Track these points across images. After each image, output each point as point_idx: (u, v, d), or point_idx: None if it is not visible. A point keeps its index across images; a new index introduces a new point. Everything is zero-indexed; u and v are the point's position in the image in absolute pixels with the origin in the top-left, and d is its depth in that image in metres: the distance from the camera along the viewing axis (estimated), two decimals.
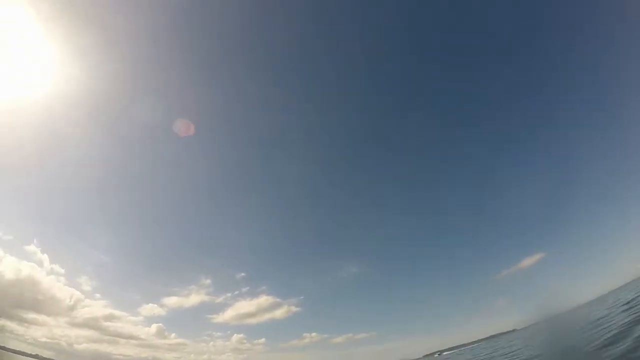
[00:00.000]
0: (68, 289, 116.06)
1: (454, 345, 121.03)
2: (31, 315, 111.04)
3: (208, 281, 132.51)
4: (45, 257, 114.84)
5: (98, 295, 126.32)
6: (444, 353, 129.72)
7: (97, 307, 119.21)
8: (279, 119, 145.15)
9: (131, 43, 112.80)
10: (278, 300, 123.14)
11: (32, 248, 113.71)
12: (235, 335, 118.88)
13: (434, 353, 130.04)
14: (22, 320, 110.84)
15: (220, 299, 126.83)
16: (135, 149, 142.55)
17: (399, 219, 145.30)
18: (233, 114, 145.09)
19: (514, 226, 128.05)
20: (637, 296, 24.80)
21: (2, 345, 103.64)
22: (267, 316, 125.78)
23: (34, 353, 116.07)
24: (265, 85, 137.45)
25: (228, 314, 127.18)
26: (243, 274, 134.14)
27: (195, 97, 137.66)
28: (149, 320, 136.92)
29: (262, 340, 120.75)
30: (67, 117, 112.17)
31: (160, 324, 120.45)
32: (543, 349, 19.83)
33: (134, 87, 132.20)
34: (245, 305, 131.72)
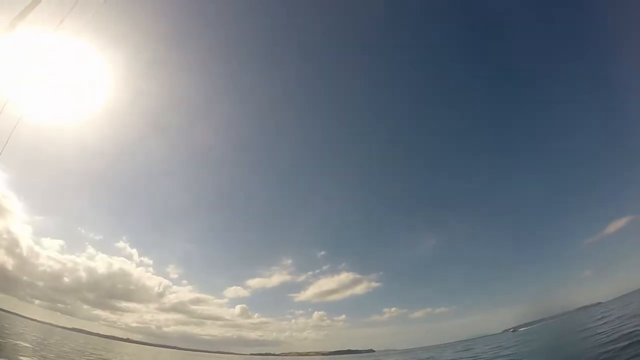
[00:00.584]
0: (157, 277, 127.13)
1: (534, 320, 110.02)
2: (123, 304, 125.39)
3: (289, 261, 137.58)
4: (134, 251, 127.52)
5: (185, 281, 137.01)
6: (521, 329, 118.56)
7: (183, 293, 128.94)
8: (346, 97, 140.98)
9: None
10: (358, 276, 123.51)
11: (121, 244, 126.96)
12: (316, 312, 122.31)
13: (515, 328, 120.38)
14: (115, 309, 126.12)
15: (301, 278, 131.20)
16: (211, 139, 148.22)
17: (476, 189, 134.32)
18: (307, 93, 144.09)
19: (598, 189, 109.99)
20: None
21: (95, 332, 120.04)
22: (347, 293, 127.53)
23: (125, 337, 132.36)
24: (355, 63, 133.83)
25: (309, 292, 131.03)
26: (323, 253, 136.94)
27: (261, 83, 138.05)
28: (234, 301, 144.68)
29: (343, 316, 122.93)
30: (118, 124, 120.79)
31: (244, 305, 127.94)
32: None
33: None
34: (326, 283, 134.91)
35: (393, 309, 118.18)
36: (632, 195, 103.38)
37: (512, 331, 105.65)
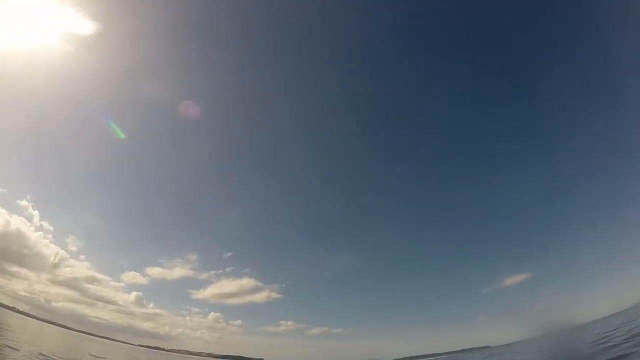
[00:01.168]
0: (54, 247, 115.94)
1: (426, 354, 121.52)
2: (14, 269, 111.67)
3: (194, 256, 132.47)
4: (35, 213, 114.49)
5: (83, 256, 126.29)
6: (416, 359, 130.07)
7: (80, 268, 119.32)
8: (276, 105, 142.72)
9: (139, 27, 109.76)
10: (260, 284, 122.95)
11: (24, 203, 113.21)
12: (212, 313, 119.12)
13: (406, 358, 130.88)
14: (4, 272, 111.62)
15: (203, 276, 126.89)
16: (137, 119, 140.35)
17: (393, 219, 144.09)
18: (231, 97, 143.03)
19: (503, 243, 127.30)
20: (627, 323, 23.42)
21: None
22: (247, 298, 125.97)
23: (11, 305, 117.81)
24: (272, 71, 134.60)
25: (209, 292, 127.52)
26: (230, 254, 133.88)
27: (200, 79, 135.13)
28: (130, 287, 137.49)
29: (239, 322, 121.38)
30: (67, 76, 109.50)
31: (140, 293, 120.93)
32: None
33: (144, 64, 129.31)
34: (228, 285, 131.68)
35: (290, 323, 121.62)
36: (530, 255, 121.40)
37: None
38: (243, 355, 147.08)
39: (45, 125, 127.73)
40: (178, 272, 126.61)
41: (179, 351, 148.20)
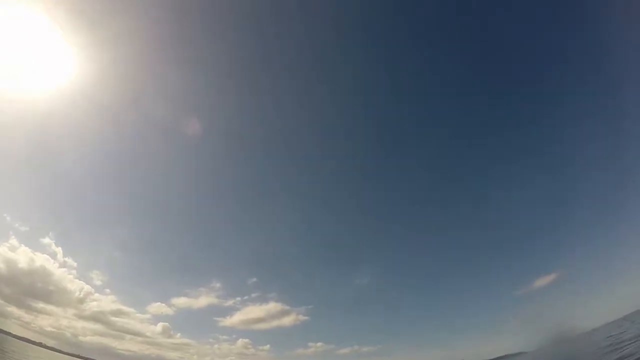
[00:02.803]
0: (79, 282, 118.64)
1: None
2: (40, 305, 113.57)
3: (218, 284, 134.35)
4: (59, 250, 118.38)
5: (108, 290, 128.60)
6: None
7: (105, 302, 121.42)
8: (293, 125, 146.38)
9: (135, 41, 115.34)
10: (287, 307, 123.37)
11: (47, 240, 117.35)
12: (240, 339, 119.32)
13: None
14: (31, 309, 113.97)
15: (229, 303, 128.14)
16: (150, 147, 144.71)
17: (413, 232, 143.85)
18: (245, 116, 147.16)
19: (529, 244, 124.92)
20: None
21: (7, 330, 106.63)
22: (274, 323, 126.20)
23: (38, 341, 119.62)
24: (277, 85, 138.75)
25: (236, 318, 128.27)
26: (254, 279, 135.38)
27: (208, 98, 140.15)
28: (156, 318, 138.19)
29: (267, 346, 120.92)
30: (77, 113, 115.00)
31: (166, 323, 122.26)
32: None
33: (145, 85, 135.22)
34: (254, 311, 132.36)
35: (319, 344, 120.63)
36: (559, 253, 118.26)
37: None
38: None
39: (60, 162, 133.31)
40: (203, 300, 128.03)
41: None
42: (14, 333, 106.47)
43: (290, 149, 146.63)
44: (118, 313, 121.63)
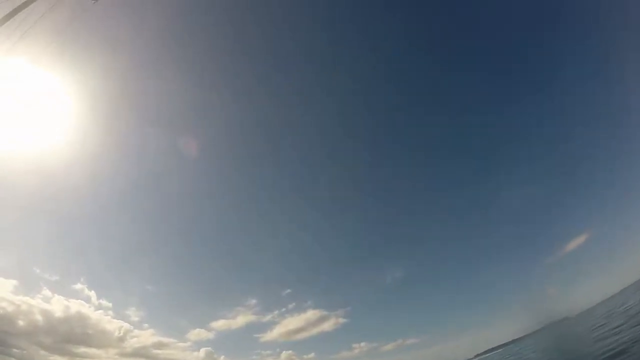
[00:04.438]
0: (116, 321, 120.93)
1: (506, 341, 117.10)
2: (81, 349, 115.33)
3: (254, 301, 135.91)
4: (92, 293, 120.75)
5: (146, 324, 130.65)
6: (491, 353, 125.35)
7: (145, 336, 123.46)
8: (305, 129, 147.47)
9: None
10: (325, 313, 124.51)
11: (79, 286, 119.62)
12: (284, 352, 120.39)
13: (488, 350, 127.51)
14: (72, 355, 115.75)
15: (267, 318, 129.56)
16: (163, 174, 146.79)
17: (438, 220, 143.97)
18: (251, 126, 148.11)
19: (555, 209, 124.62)
20: None
21: None
22: (315, 330, 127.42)
23: None
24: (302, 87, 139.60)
25: (276, 332, 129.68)
26: (289, 291, 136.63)
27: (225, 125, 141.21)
28: (198, 344, 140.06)
29: (312, 354, 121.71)
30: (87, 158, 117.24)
31: (209, 348, 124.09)
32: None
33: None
34: (293, 321, 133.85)
35: (362, 344, 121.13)
36: (586, 212, 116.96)
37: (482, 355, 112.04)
38: None
39: (78, 207, 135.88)
40: (241, 319, 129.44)
41: None
42: None
43: (302, 152, 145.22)
44: (159, 345, 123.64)
